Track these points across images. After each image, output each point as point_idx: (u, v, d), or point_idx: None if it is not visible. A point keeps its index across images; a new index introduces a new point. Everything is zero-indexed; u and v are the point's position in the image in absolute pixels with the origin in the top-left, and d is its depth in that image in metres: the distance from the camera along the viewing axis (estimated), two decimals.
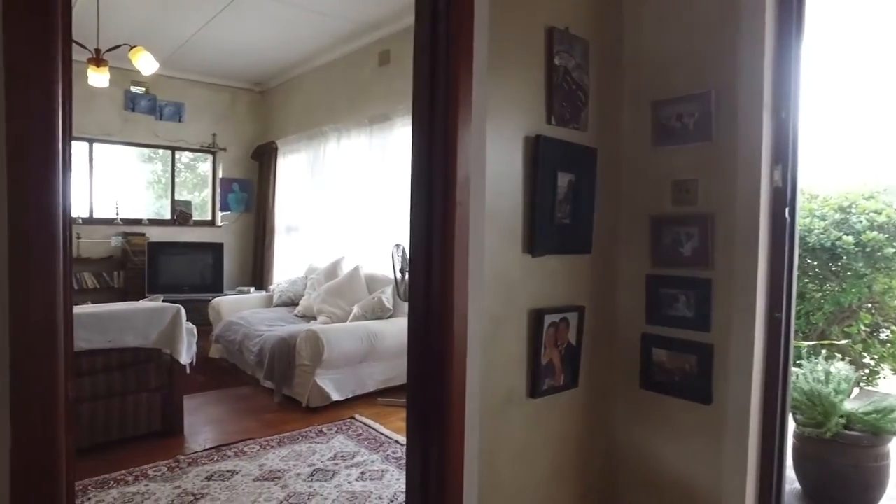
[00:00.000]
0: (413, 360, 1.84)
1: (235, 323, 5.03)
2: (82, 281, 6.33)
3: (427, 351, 1.77)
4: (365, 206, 5.51)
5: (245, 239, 7.60)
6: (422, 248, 1.76)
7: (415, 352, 1.82)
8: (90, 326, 3.19)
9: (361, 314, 4.62)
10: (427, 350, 1.77)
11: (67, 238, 1.14)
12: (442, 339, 1.72)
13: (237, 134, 7.48)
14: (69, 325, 1.17)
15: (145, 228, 6.82)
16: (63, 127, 1.09)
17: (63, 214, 1.10)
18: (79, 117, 6.32)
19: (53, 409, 1.07)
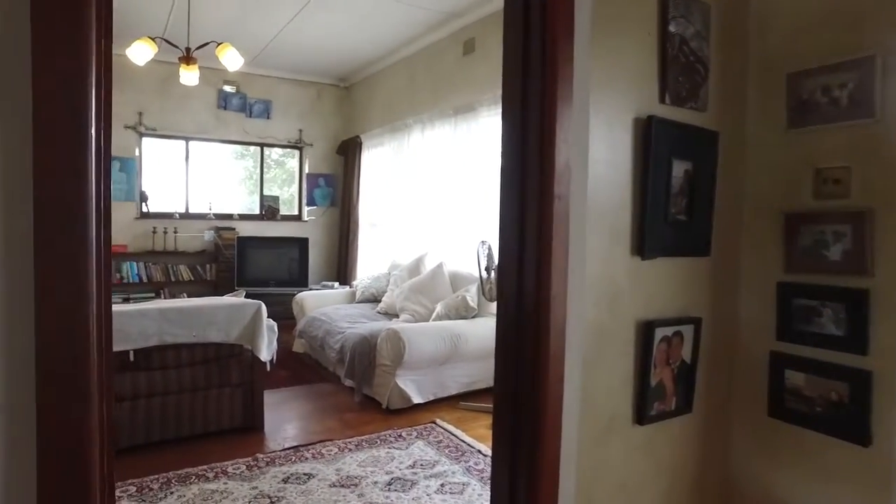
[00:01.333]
0: (501, 376, 1.60)
1: (317, 319, 5.01)
2: (178, 273, 6.60)
3: (517, 367, 1.53)
4: (449, 201, 5.34)
5: (330, 234, 7.67)
6: (513, 248, 1.52)
7: (503, 368, 1.59)
8: (176, 321, 3.22)
9: (444, 313, 4.44)
10: (517, 366, 1.53)
11: (102, 229, 1.01)
12: (536, 353, 1.48)
13: (323, 129, 7.55)
14: (105, 322, 1.04)
15: (236, 223, 7.02)
16: (98, 113, 0.95)
17: (98, 203, 0.97)
18: (176, 116, 6.60)
19: (86, 410, 0.95)
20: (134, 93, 6.42)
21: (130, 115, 6.43)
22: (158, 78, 6.49)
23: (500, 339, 1.62)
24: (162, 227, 6.55)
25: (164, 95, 6.57)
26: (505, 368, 1.59)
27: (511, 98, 1.57)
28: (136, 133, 6.48)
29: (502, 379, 1.60)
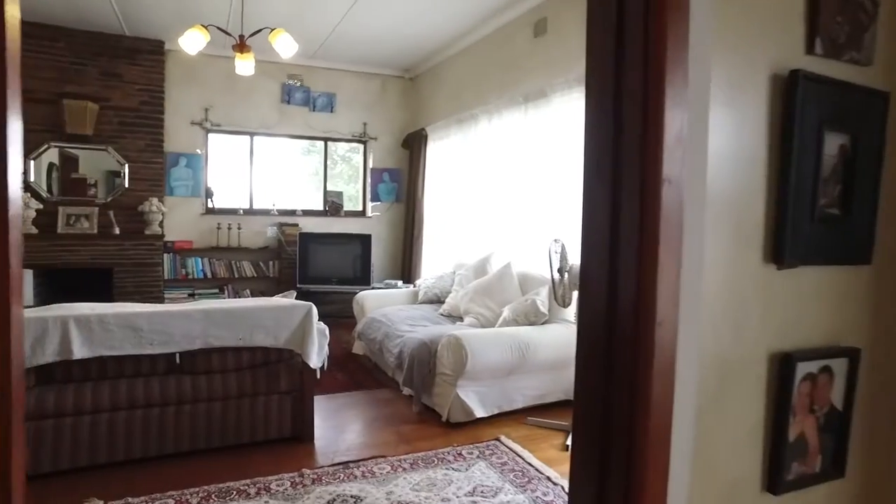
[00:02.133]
0: (583, 424, 1.21)
1: (377, 320, 4.74)
2: (241, 269, 6.55)
3: (604, 414, 1.13)
4: (518, 195, 4.93)
5: (395, 230, 7.43)
6: (600, 252, 1.12)
7: (586, 412, 1.19)
8: (221, 323, 3.01)
9: (512, 318, 4.05)
10: (605, 412, 1.13)
11: None
12: (631, 396, 1.07)
13: (387, 122, 7.32)
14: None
15: (299, 219, 6.91)
16: None
17: None
18: (240, 112, 6.54)
19: None
20: (200, 89, 6.42)
21: (197, 111, 6.42)
22: (224, 73, 6.44)
23: (582, 374, 1.22)
24: (226, 223, 6.52)
25: (229, 91, 6.52)
26: (587, 412, 1.19)
27: (600, 53, 1.16)
28: (201, 129, 6.47)
29: (584, 428, 1.20)
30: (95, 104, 5.85)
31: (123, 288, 5.96)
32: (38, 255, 5.66)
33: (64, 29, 5.77)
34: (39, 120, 5.77)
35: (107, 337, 2.83)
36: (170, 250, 6.24)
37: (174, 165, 6.35)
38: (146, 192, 6.12)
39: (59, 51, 5.79)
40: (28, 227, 5.64)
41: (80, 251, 5.79)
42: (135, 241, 5.97)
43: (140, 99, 6.08)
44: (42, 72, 5.75)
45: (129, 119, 6.05)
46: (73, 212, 5.90)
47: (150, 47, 6.07)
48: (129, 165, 6.08)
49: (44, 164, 5.85)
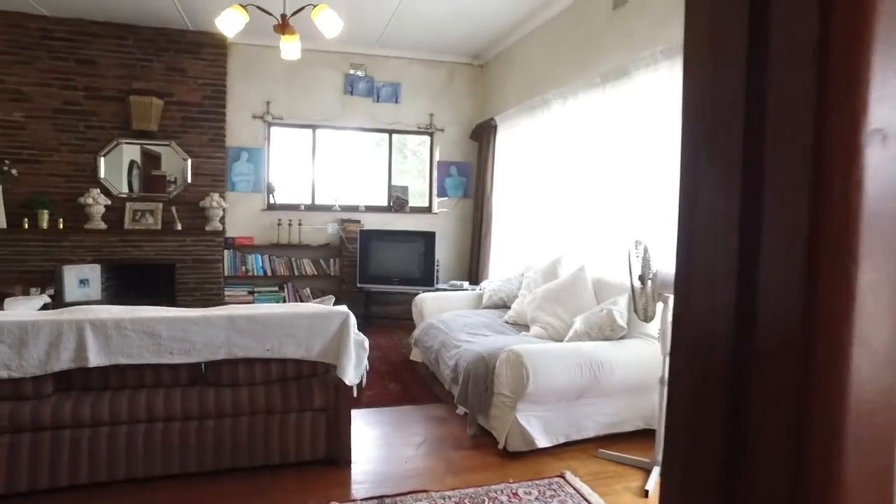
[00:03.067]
0: (680, 470, 0.69)
1: (434, 326, 4.32)
2: (301, 267, 6.35)
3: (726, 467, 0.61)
4: (593, 188, 4.34)
5: (462, 228, 6.99)
6: (715, 246, 0.60)
7: (685, 455, 0.67)
8: (247, 331, 2.68)
9: (584, 330, 3.49)
10: (724, 464, 0.61)
11: None
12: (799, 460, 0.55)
13: (455, 113, 6.88)
14: None
15: (361, 215, 6.62)
16: None
17: None
18: (302, 104, 6.32)
19: None
20: (262, 81, 6.26)
21: (258, 104, 6.28)
22: (285, 65, 6.24)
23: (681, 408, 0.70)
24: (287, 220, 6.33)
25: (290, 83, 6.33)
26: (686, 456, 0.67)
27: None
28: (263, 122, 6.32)
29: (682, 469, 0.68)
30: (160, 100, 5.82)
31: (185, 284, 5.90)
32: (106, 250, 5.69)
33: (131, 26, 5.77)
34: (109, 117, 5.81)
35: (124, 343, 2.56)
36: (230, 246, 6.13)
37: (236, 160, 6.24)
38: (208, 188, 6.03)
39: (127, 48, 5.80)
40: (97, 222, 5.69)
41: (145, 247, 5.78)
42: (196, 237, 5.90)
43: (203, 93, 6.00)
44: (112, 70, 5.78)
45: (192, 114, 5.98)
46: (139, 208, 5.89)
47: (212, 41, 5.97)
48: (192, 161, 6.01)
49: (115, 160, 5.88)
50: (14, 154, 5.64)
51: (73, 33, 5.68)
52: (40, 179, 5.72)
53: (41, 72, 5.66)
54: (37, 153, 5.71)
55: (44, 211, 5.59)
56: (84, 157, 5.79)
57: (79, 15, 5.61)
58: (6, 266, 5.50)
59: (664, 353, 2.84)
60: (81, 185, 5.73)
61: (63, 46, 5.67)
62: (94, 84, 5.75)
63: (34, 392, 2.53)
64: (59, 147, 5.75)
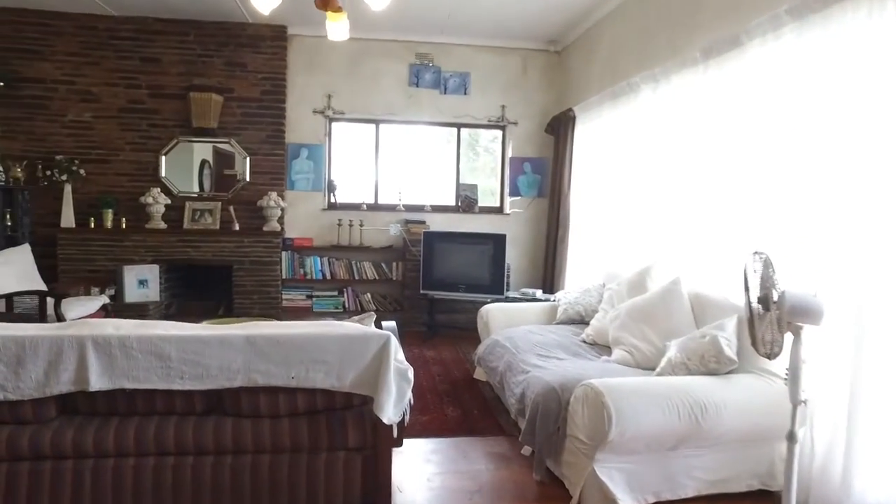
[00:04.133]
0: None
1: (500, 345, 3.77)
2: (362, 270, 5.97)
3: None
4: (692, 186, 3.64)
5: (536, 230, 6.38)
6: None
7: None
8: (269, 354, 2.25)
9: (681, 360, 2.82)
10: None
11: None
12: None
13: (529, 104, 6.28)
14: None
15: (427, 216, 6.17)
16: None
17: None
18: (365, 98, 5.97)
19: None
20: (323, 74, 5.95)
21: (319, 98, 5.97)
22: (347, 57, 5.93)
23: None
24: (348, 220, 5.98)
25: (352, 76, 5.98)
26: None
27: None
28: (324, 118, 6.01)
29: None
30: (219, 96, 5.63)
31: (242, 287, 5.68)
32: (165, 250, 5.57)
33: (193, 22, 5.62)
34: (170, 115, 5.70)
35: (130, 365, 2.21)
36: (288, 248, 5.85)
37: (295, 157, 5.96)
38: (266, 186, 5.79)
39: (188, 45, 5.66)
40: (157, 222, 5.57)
41: (203, 247, 5.61)
42: (253, 237, 5.66)
43: (262, 88, 5.76)
44: (174, 67, 5.66)
45: (251, 110, 5.76)
46: (198, 207, 5.74)
47: (272, 33, 5.72)
48: (250, 158, 5.79)
49: (175, 159, 5.75)
50: (83, 154, 5.64)
51: (138, 32, 5.60)
52: (107, 179, 5.69)
53: (108, 71, 5.62)
54: (104, 153, 5.68)
55: (108, 210, 5.54)
56: (146, 155, 5.71)
57: (143, 13, 5.52)
58: (74, 266, 5.49)
59: (794, 401, 2.15)
60: (143, 184, 5.65)
61: (128, 45, 5.61)
62: (157, 82, 5.65)
63: (35, 416, 2.23)
64: (124, 146, 5.70)
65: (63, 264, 5.47)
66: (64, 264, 5.48)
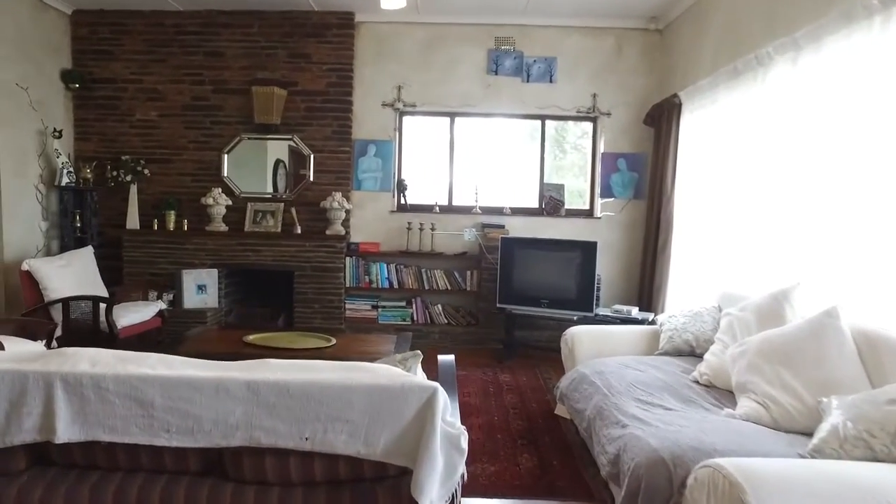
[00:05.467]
0: None
1: (588, 380, 3.04)
2: (433, 279, 5.40)
3: None
4: (856, 181, 2.74)
5: (632, 237, 5.54)
6: None
7: None
8: (276, 408, 1.70)
9: (856, 434, 1.98)
10: None
11: None
12: None
13: (625, 92, 5.46)
14: None
15: (507, 219, 5.50)
16: None
17: None
18: (439, 88, 5.42)
19: None
20: (392, 64, 5.45)
21: (388, 90, 5.47)
22: (420, 44, 5.40)
23: None
24: (417, 223, 5.43)
25: (425, 64, 5.43)
26: None
27: None
28: (394, 111, 5.50)
29: None
30: (283, 90, 5.27)
31: (304, 295, 5.28)
32: (225, 254, 5.27)
33: (257, 13, 5.32)
34: (233, 111, 5.44)
35: (105, 411, 1.73)
36: (353, 253, 5.38)
37: (362, 155, 5.50)
38: (331, 186, 5.37)
39: (252, 37, 5.37)
40: (218, 224, 5.29)
41: (263, 251, 5.26)
42: (316, 241, 5.24)
43: (327, 80, 5.35)
44: (237, 60, 5.39)
45: (315, 104, 5.37)
46: (260, 209, 5.41)
47: (338, 21, 5.31)
48: (314, 156, 5.39)
49: (237, 157, 5.46)
50: (148, 154, 5.48)
51: (203, 25, 5.37)
52: (171, 179, 5.50)
53: (174, 68, 5.43)
54: (168, 152, 5.50)
55: (170, 212, 5.33)
56: (209, 154, 5.47)
57: (208, 6, 5.27)
58: (137, 268, 5.32)
59: None
60: (206, 184, 5.40)
61: (193, 41, 5.39)
62: (220, 77, 5.39)
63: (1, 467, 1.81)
64: (188, 145, 5.49)
65: (128, 267, 5.32)
66: (129, 267, 5.32)
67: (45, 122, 5.13)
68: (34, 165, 5.09)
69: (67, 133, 5.44)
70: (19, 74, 4.91)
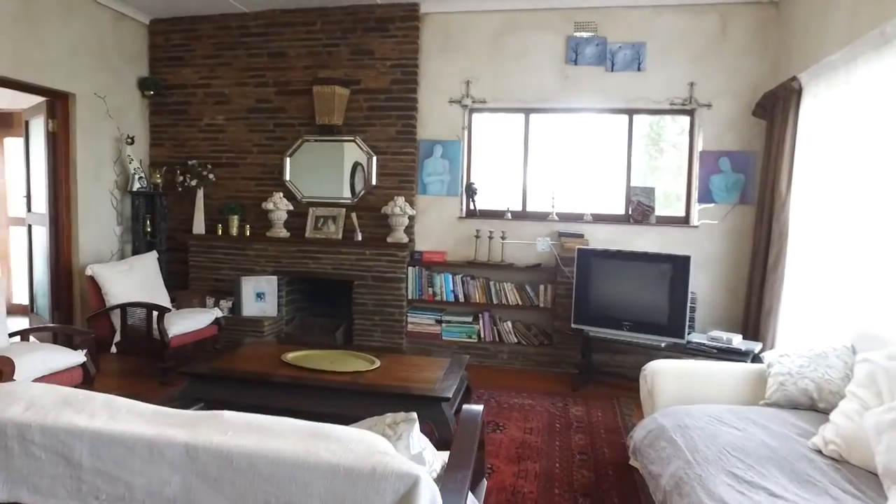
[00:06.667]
0: None
1: (668, 437, 2.41)
2: (502, 293, 4.89)
3: None
4: None
5: (735, 249, 4.70)
6: None
7: None
8: (217, 483, 1.31)
9: None
10: None
11: None
12: None
13: (730, 78, 4.65)
14: None
15: (587, 227, 4.88)
16: None
17: None
18: (510, 82, 4.91)
19: None
20: (460, 57, 5.01)
21: (456, 86, 5.03)
22: (489, 34, 4.93)
23: None
24: (486, 230, 4.95)
25: (496, 56, 4.94)
26: None
27: None
28: (462, 108, 5.05)
29: None
30: (345, 88, 4.99)
31: (363, 306, 4.96)
32: (285, 261, 5.08)
33: (320, 9, 5.09)
34: (296, 112, 5.25)
35: (30, 468, 1.42)
36: (417, 262, 4.99)
37: (428, 156, 5.09)
38: (394, 190, 5.02)
39: (314, 34, 5.15)
40: (279, 230, 5.12)
41: (323, 259, 5.01)
42: (377, 249, 4.91)
43: (391, 77, 5.00)
44: (300, 60, 5.20)
45: (378, 102, 5.04)
46: (321, 214, 5.17)
47: (402, 13, 4.95)
48: (377, 158, 5.07)
49: (299, 160, 5.26)
50: (214, 158, 5.43)
51: (267, 26, 5.23)
52: (235, 183, 5.41)
53: (239, 71, 5.34)
54: (233, 156, 5.42)
55: (234, 217, 5.23)
56: (272, 158, 5.31)
57: (272, 6, 5.11)
58: (202, 274, 5.27)
59: None
60: (269, 188, 5.26)
61: (258, 42, 5.27)
62: (283, 78, 5.22)
63: None
64: (252, 148, 5.37)
65: (193, 272, 5.28)
66: (194, 272, 5.28)
67: (120, 130, 5.21)
68: (109, 171, 5.18)
69: (143, 139, 5.52)
70: (99, 84, 5.00)
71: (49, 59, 4.52)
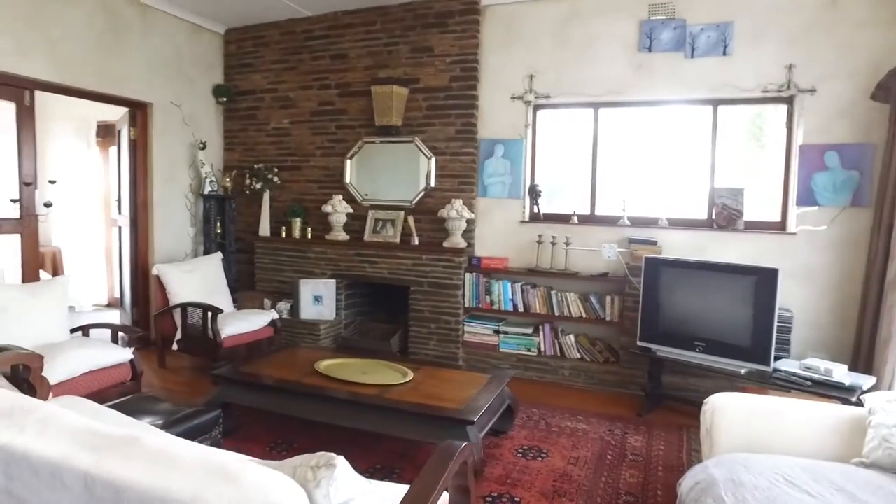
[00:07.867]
0: None
1: (717, 493, 1.96)
2: (563, 304, 4.50)
3: None
4: None
5: (847, 261, 3.98)
6: None
7: None
8: None
9: None
10: None
11: None
12: None
13: (840, 57, 3.95)
14: None
15: (660, 233, 4.38)
16: None
17: None
18: (577, 74, 4.54)
19: None
20: (522, 50, 4.69)
21: (518, 81, 4.72)
22: (553, 24, 4.58)
23: None
24: (549, 236, 4.59)
25: (561, 47, 4.57)
26: None
27: None
28: (524, 104, 4.72)
29: None
30: (403, 88, 4.85)
31: (419, 313, 4.79)
32: (343, 264, 5.03)
33: (379, 9, 4.99)
34: (356, 114, 5.20)
35: None
36: (475, 269, 4.73)
37: (488, 156, 4.82)
38: (453, 192, 4.81)
39: (374, 34, 5.07)
40: (338, 232, 5.08)
41: (379, 263, 4.90)
42: (433, 254, 4.71)
43: (451, 74, 4.79)
44: (360, 60, 5.15)
45: (438, 101, 4.86)
46: (381, 217, 5.06)
47: (462, 7, 4.72)
48: (436, 159, 4.88)
49: (361, 162, 5.20)
50: (280, 161, 5.52)
51: (329, 28, 5.24)
52: (299, 186, 5.47)
53: (303, 74, 5.39)
54: (298, 159, 5.48)
55: (296, 219, 5.27)
56: (334, 160, 5.29)
57: (333, 8, 5.10)
58: (267, 275, 5.36)
59: None
60: (330, 190, 5.26)
61: (320, 45, 5.29)
62: (345, 79, 5.19)
63: None
64: (315, 151, 5.40)
65: (259, 274, 5.39)
66: (259, 274, 5.38)
67: (195, 135, 5.42)
68: (184, 175, 5.40)
69: (217, 144, 5.72)
70: (175, 92, 5.23)
71: (129, 72, 4.77)
